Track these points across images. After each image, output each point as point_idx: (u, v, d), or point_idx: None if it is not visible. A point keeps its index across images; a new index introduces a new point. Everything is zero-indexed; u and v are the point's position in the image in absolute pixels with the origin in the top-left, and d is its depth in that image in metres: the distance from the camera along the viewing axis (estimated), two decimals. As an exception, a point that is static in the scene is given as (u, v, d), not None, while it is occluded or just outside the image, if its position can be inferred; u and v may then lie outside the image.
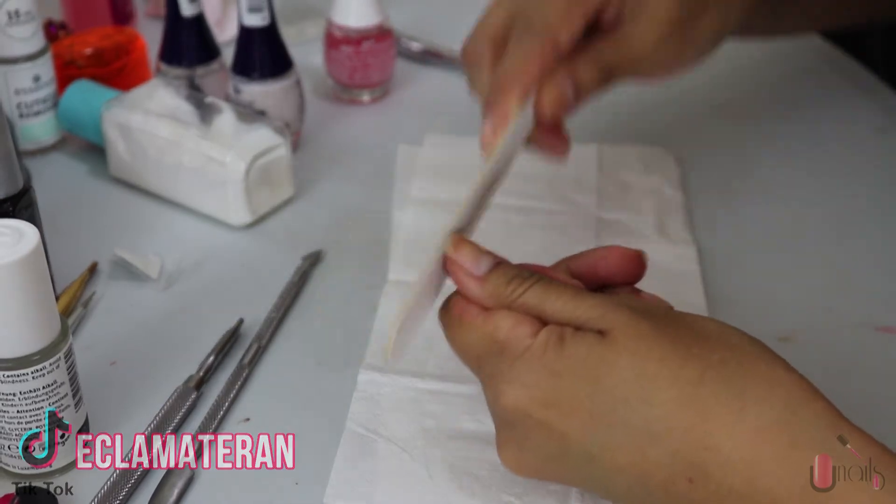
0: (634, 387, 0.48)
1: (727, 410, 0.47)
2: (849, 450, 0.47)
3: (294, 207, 0.77)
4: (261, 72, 0.80)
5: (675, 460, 0.47)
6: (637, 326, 0.48)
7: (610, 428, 0.48)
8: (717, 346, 0.48)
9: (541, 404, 0.49)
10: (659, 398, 0.47)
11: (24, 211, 0.61)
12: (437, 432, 0.58)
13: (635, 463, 0.48)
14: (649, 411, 0.47)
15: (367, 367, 0.62)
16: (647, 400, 0.47)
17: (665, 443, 0.47)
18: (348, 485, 0.55)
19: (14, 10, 0.76)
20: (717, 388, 0.47)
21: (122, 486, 0.55)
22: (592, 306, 0.50)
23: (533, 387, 0.49)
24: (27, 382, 0.53)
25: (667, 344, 0.48)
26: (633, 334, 0.48)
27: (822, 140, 0.85)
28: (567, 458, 0.50)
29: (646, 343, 0.48)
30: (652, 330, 0.48)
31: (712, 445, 0.47)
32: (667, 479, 0.47)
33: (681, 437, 0.47)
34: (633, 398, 0.48)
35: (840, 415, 0.47)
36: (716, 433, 0.47)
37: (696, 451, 0.47)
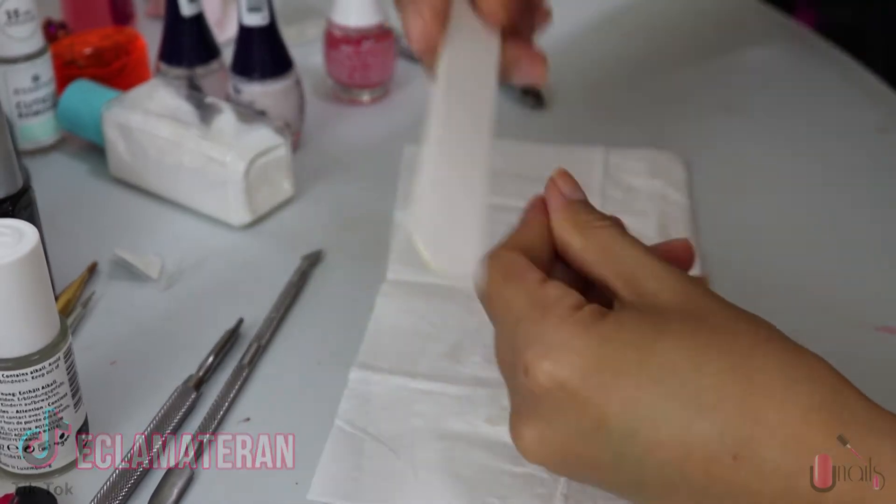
0: (686, 356, 0.46)
1: (778, 384, 0.46)
2: (848, 449, 0.47)
3: (294, 207, 0.77)
4: (261, 72, 0.80)
5: (724, 434, 0.45)
6: (692, 302, 0.48)
7: (656, 398, 0.46)
8: (763, 326, 0.48)
9: (582, 373, 0.46)
10: (711, 368, 0.46)
11: (24, 211, 0.61)
12: (424, 432, 0.58)
13: (678, 437, 0.45)
14: (700, 381, 0.45)
15: (360, 365, 0.62)
16: (698, 369, 0.46)
17: (714, 415, 0.45)
18: (333, 482, 0.55)
19: (13, 9, 0.76)
20: (766, 362, 0.46)
21: (121, 486, 0.55)
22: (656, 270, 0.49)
23: (576, 352, 0.46)
24: (26, 382, 0.53)
25: (718, 318, 0.47)
26: (686, 308, 0.48)
27: (823, 140, 0.85)
28: (599, 435, 0.47)
29: (695, 317, 0.47)
30: (704, 307, 0.48)
31: (763, 419, 0.45)
32: (709, 456, 0.45)
33: (732, 408, 0.45)
34: (684, 367, 0.46)
35: (878, 406, 0.47)
36: (766, 406, 0.45)
37: (746, 423, 0.45)
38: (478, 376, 0.62)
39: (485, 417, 0.59)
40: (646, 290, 0.49)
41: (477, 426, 0.59)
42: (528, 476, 0.56)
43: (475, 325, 0.65)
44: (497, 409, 0.59)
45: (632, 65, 0.95)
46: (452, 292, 0.68)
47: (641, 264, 0.50)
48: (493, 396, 0.60)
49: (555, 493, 0.55)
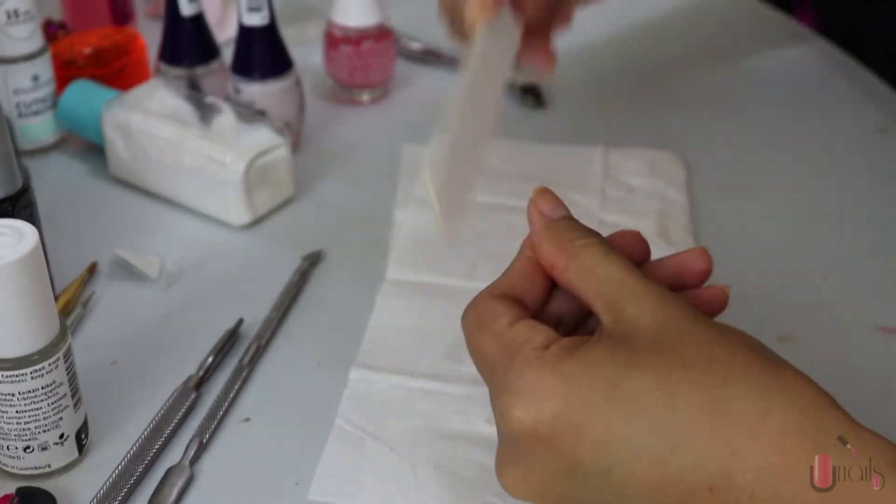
0: (656, 394, 0.46)
1: (752, 413, 0.45)
2: (848, 450, 0.47)
3: (294, 207, 0.77)
4: (261, 72, 0.80)
5: (698, 468, 0.45)
6: (669, 323, 0.47)
7: (627, 436, 0.46)
8: (742, 349, 0.47)
9: (551, 417, 0.46)
10: (683, 402, 0.45)
11: (24, 211, 0.61)
12: (425, 432, 0.58)
13: (654, 473, 0.46)
14: (672, 417, 0.45)
15: (360, 364, 0.62)
16: (670, 405, 0.46)
17: (688, 449, 0.45)
18: (334, 482, 0.55)
19: (13, 9, 0.76)
20: (741, 390, 0.46)
21: (121, 486, 0.55)
22: (637, 295, 0.48)
23: (544, 399, 0.47)
24: (26, 382, 0.53)
25: (691, 347, 0.47)
26: (664, 331, 0.47)
27: (823, 140, 0.85)
28: (577, 475, 0.47)
29: (674, 342, 0.47)
30: (675, 336, 0.47)
31: (737, 449, 0.45)
32: (686, 490, 0.46)
33: (705, 441, 0.45)
34: (654, 405, 0.46)
35: (857, 424, 0.46)
36: (740, 436, 0.45)
37: (721, 455, 0.45)
38: (477, 376, 0.61)
39: (485, 417, 0.59)
40: (624, 316, 0.48)
41: (477, 426, 0.59)
42: None
43: (475, 325, 0.65)
44: None
45: (631, 65, 0.95)
46: (452, 292, 0.68)
47: (622, 286, 0.49)
48: None
49: None
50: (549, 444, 0.47)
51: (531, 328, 0.49)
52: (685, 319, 0.48)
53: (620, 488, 0.46)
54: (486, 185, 0.77)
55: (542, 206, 0.53)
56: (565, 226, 0.52)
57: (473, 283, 0.68)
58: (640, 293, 0.48)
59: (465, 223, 0.54)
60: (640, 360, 0.46)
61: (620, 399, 0.46)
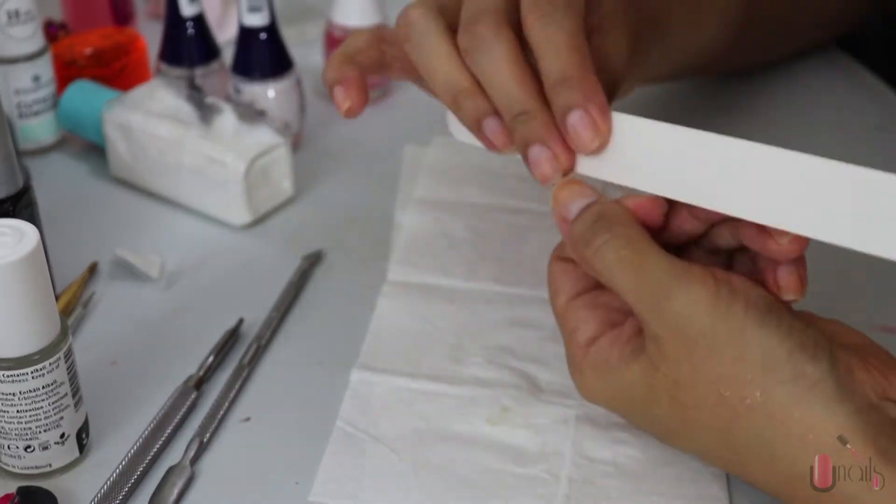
0: (678, 424, 0.51)
1: (756, 459, 0.49)
2: (848, 450, 0.47)
3: (294, 207, 0.77)
4: (261, 72, 0.80)
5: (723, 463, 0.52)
6: (678, 365, 0.49)
7: (671, 445, 0.53)
8: (752, 388, 0.48)
9: (599, 402, 0.54)
10: (699, 438, 0.51)
11: (24, 210, 0.61)
12: (426, 433, 0.58)
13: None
14: (692, 444, 0.52)
15: (361, 366, 0.62)
16: (690, 438, 0.51)
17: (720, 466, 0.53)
18: (335, 484, 0.55)
19: (14, 9, 0.76)
20: (746, 438, 0.49)
21: (122, 486, 0.55)
22: (650, 313, 0.49)
23: (590, 392, 0.53)
24: (27, 382, 0.53)
25: (702, 386, 0.49)
26: (673, 377, 0.49)
27: (822, 138, 0.85)
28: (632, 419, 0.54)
29: (683, 389, 0.49)
30: (691, 369, 0.49)
31: (756, 479, 0.50)
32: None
33: (726, 467, 0.52)
34: (678, 434, 0.51)
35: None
36: (754, 472, 0.50)
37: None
38: (479, 377, 0.62)
39: (486, 418, 0.59)
40: (651, 326, 0.50)
41: (478, 427, 0.59)
42: (530, 477, 0.56)
43: (476, 326, 0.65)
44: (498, 410, 0.59)
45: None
46: (453, 293, 0.68)
47: (635, 299, 0.50)
48: (494, 397, 0.60)
49: (556, 494, 0.55)
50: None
51: (580, 318, 0.53)
52: (705, 333, 0.48)
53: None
54: (486, 185, 0.78)
55: (559, 204, 0.53)
56: (578, 230, 0.51)
57: (474, 284, 0.69)
58: (655, 308, 0.49)
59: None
60: (659, 398, 0.50)
61: (649, 421, 0.52)
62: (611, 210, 0.51)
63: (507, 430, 0.58)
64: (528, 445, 0.57)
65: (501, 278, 0.69)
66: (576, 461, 0.56)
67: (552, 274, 0.55)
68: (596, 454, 0.57)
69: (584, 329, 0.53)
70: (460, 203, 0.76)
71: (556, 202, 0.52)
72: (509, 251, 0.72)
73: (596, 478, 0.55)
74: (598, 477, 0.55)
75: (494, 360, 0.63)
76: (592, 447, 0.57)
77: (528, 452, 0.57)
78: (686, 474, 0.56)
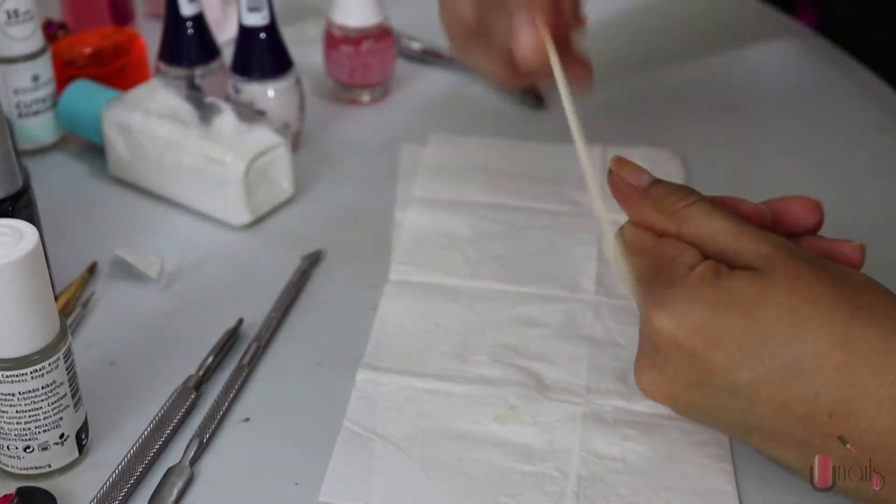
0: (788, 325, 0.50)
1: (875, 350, 0.49)
2: (848, 449, 0.47)
3: (294, 207, 0.77)
4: (261, 72, 0.80)
5: (819, 396, 0.49)
6: (795, 267, 0.51)
7: (757, 361, 0.50)
8: (867, 291, 0.51)
9: (690, 332, 0.51)
10: (811, 337, 0.49)
11: (24, 210, 0.61)
12: (434, 432, 0.58)
13: (778, 395, 0.50)
14: (800, 348, 0.49)
15: (366, 366, 0.62)
16: (799, 338, 0.49)
17: (811, 379, 0.49)
18: (344, 484, 0.55)
19: (13, 9, 0.76)
20: (865, 329, 0.49)
21: (121, 486, 0.55)
22: (755, 239, 0.52)
23: (685, 314, 0.51)
24: (26, 382, 0.53)
25: (822, 286, 0.50)
26: (792, 274, 0.51)
27: (823, 139, 0.85)
28: (706, 387, 0.51)
29: (802, 284, 0.50)
30: (808, 272, 0.51)
31: (858, 383, 0.49)
32: (807, 412, 0.50)
33: (829, 374, 0.49)
34: (786, 336, 0.50)
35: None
36: (862, 371, 0.49)
37: (842, 388, 0.49)
38: (484, 375, 0.62)
39: (493, 416, 0.59)
40: (753, 257, 0.52)
41: (485, 425, 0.59)
42: (539, 474, 0.56)
43: (480, 325, 0.65)
44: (504, 408, 0.59)
45: (631, 64, 0.95)
46: (455, 291, 0.68)
47: (741, 233, 0.53)
48: (501, 395, 0.60)
49: (566, 492, 0.55)
50: (685, 355, 0.51)
51: (677, 246, 0.54)
52: (814, 259, 0.52)
53: (745, 405, 0.50)
54: (486, 185, 0.78)
55: (626, 176, 0.57)
56: (663, 191, 0.56)
57: (476, 283, 0.69)
58: (762, 237, 0.53)
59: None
60: (776, 294, 0.50)
61: (754, 327, 0.50)
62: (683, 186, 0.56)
63: (515, 428, 0.58)
64: (536, 443, 0.57)
65: (503, 276, 0.69)
66: (584, 458, 0.56)
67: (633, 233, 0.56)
68: (604, 451, 0.57)
69: (691, 254, 0.53)
70: (460, 202, 0.76)
71: (622, 169, 0.57)
72: (510, 249, 0.72)
73: (605, 474, 0.55)
74: (606, 473, 0.55)
75: (500, 358, 0.63)
76: (601, 444, 0.57)
77: (536, 450, 0.57)
78: (695, 470, 0.56)
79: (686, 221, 0.54)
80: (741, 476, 0.56)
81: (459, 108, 0.79)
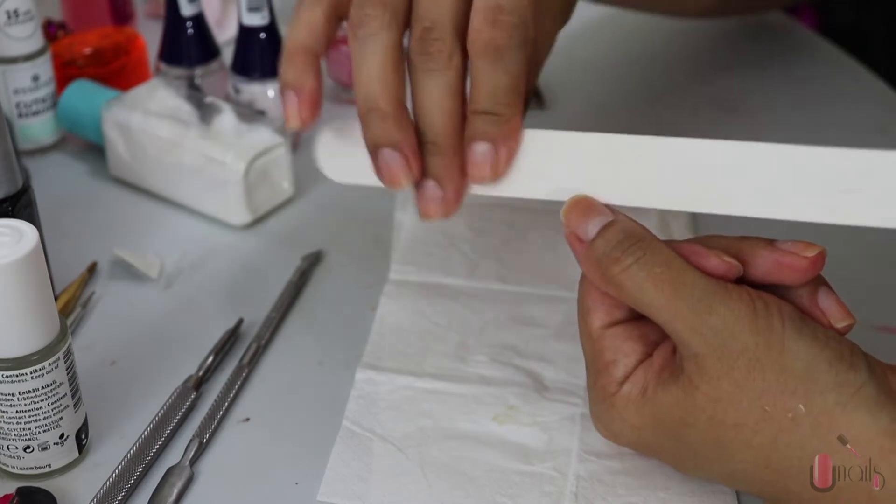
0: (714, 446, 0.49)
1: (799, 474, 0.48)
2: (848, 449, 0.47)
3: (294, 207, 0.77)
4: (261, 71, 0.80)
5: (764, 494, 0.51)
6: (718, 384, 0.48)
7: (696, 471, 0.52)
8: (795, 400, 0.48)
9: (630, 445, 0.53)
10: (739, 457, 0.49)
11: (24, 210, 0.61)
12: (432, 432, 0.58)
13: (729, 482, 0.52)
14: (730, 465, 0.50)
15: (365, 365, 0.62)
16: (726, 457, 0.50)
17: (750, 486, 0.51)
18: (343, 483, 0.55)
19: (13, 9, 0.76)
20: (788, 453, 0.48)
21: (121, 486, 0.55)
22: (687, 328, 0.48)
23: (619, 435, 0.53)
24: (26, 383, 0.53)
25: (742, 407, 0.48)
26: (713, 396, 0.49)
27: (824, 140, 0.85)
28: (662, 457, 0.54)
29: (722, 406, 0.48)
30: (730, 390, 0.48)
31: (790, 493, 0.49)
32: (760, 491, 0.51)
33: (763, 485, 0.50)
34: (714, 455, 0.50)
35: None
36: (792, 485, 0.49)
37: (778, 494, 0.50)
38: (483, 375, 0.62)
39: (492, 416, 0.59)
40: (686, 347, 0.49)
41: (484, 425, 0.59)
42: (537, 474, 0.56)
43: (479, 325, 0.65)
44: (503, 408, 0.59)
45: (632, 64, 0.95)
46: (455, 291, 0.68)
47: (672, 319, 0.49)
48: (500, 395, 0.60)
49: (564, 492, 0.55)
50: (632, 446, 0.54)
51: (613, 350, 0.52)
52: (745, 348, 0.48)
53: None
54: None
55: (574, 226, 0.51)
56: (604, 247, 0.50)
57: (476, 283, 0.69)
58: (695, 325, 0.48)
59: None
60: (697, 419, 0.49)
61: (683, 448, 0.51)
62: (636, 228, 0.50)
63: (514, 428, 0.58)
64: (534, 443, 0.57)
65: (503, 276, 0.69)
66: (583, 458, 0.56)
67: (585, 293, 0.52)
68: (603, 451, 0.57)
69: (624, 363, 0.51)
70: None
71: (569, 220, 0.51)
72: (510, 249, 0.72)
73: (603, 475, 0.55)
74: (605, 474, 0.55)
75: (499, 358, 0.63)
76: (599, 444, 0.57)
77: (535, 450, 0.57)
78: None
79: (621, 290, 0.49)
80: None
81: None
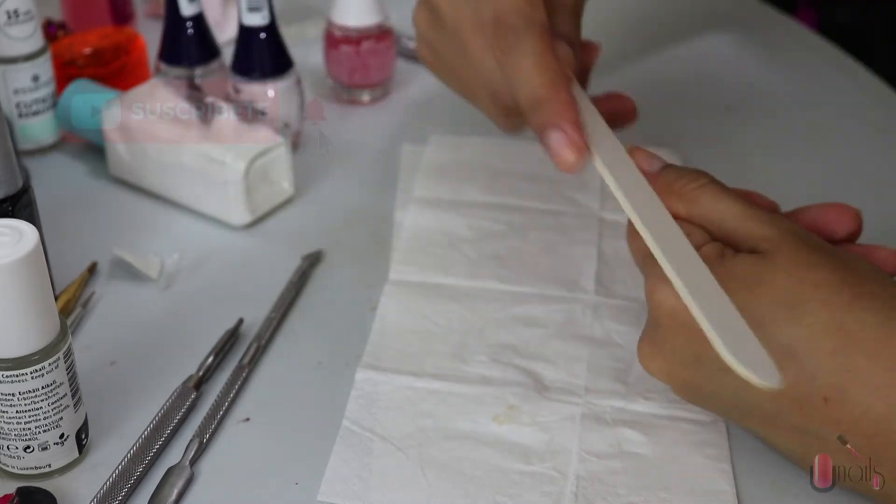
0: (785, 307, 0.50)
1: (872, 337, 0.48)
2: (848, 449, 0.47)
3: (294, 207, 0.77)
4: (261, 72, 0.80)
5: (814, 380, 0.49)
6: (799, 251, 0.51)
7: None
8: (871, 280, 0.51)
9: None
10: (807, 320, 0.49)
11: (24, 210, 0.61)
12: (432, 432, 0.58)
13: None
14: (796, 331, 0.49)
15: (365, 365, 0.62)
16: (795, 321, 0.49)
17: (806, 362, 0.49)
18: (343, 483, 0.55)
19: (13, 9, 0.76)
20: (864, 315, 0.49)
21: (121, 486, 0.55)
22: (762, 222, 0.53)
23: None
24: (26, 383, 0.53)
25: (824, 271, 0.50)
26: (794, 258, 0.51)
27: (824, 140, 0.85)
28: (702, 366, 0.52)
29: (803, 268, 0.50)
30: (812, 256, 0.51)
31: (854, 368, 0.48)
32: (802, 395, 0.49)
33: (824, 358, 0.49)
34: (782, 318, 0.50)
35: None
36: (858, 357, 0.48)
37: (837, 372, 0.49)
38: (483, 375, 0.62)
39: (492, 416, 0.59)
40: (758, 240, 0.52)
41: (484, 425, 0.59)
42: (537, 474, 0.56)
43: (479, 325, 0.65)
44: (503, 408, 0.59)
45: (632, 64, 0.95)
46: (455, 291, 0.68)
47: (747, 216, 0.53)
48: (500, 395, 0.60)
49: (564, 491, 0.55)
50: (683, 332, 0.52)
51: (685, 227, 0.54)
52: (822, 246, 0.52)
53: (739, 386, 0.48)
54: (486, 185, 0.78)
55: (639, 161, 0.57)
56: (673, 174, 0.56)
57: (476, 283, 0.69)
58: (769, 220, 0.53)
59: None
60: (775, 277, 0.50)
61: (752, 307, 0.49)
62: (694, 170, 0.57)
63: (514, 428, 0.58)
64: (534, 443, 0.57)
65: (503, 276, 0.69)
66: (583, 458, 0.56)
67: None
68: (603, 451, 0.57)
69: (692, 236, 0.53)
70: (460, 202, 0.76)
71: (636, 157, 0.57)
72: (510, 249, 0.72)
73: (603, 474, 0.55)
74: (605, 474, 0.55)
75: (499, 358, 0.63)
76: (599, 444, 0.57)
77: (535, 450, 0.57)
78: (693, 470, 0.56)
79: (694, 204, 0.55)
80: (740, 476, 0.56)
81: (459, 108, 0.79)
